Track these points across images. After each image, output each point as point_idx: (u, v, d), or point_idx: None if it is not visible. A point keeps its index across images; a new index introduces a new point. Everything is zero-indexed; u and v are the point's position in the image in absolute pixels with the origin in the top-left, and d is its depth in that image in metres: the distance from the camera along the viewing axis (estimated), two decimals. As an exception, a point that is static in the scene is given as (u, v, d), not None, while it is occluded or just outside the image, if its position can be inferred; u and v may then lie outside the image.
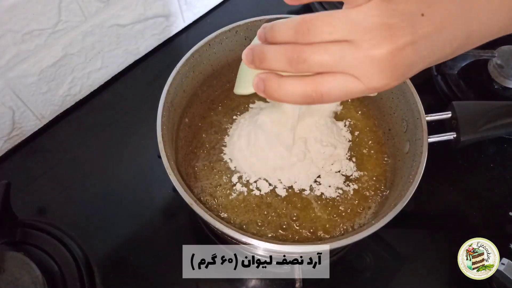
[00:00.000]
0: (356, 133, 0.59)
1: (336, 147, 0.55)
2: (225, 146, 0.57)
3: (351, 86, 0.27)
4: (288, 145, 0.51)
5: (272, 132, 0.52)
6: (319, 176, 0.54)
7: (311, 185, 0.53)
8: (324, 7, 0.79)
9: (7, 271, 0.47)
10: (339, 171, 0.55)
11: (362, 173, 0.55)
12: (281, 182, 0.53)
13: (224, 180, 0.54)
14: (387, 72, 0.27)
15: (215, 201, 0.52)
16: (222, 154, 0.56)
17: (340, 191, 0.53)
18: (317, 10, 0.79)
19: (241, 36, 0.57)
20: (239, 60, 0.59)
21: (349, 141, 0.58)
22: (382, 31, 0.26)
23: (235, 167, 0.54)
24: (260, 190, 0.53)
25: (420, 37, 0.27)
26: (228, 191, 0.53)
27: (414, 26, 0.26)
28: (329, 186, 0.53)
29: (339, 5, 0.29)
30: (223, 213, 0.52)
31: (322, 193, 0.53)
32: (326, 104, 0.41)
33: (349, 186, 0.54)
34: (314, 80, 0.27)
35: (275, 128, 0.51)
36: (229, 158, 0.55)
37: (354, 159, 0.56)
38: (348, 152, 0.57)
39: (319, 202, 0.52)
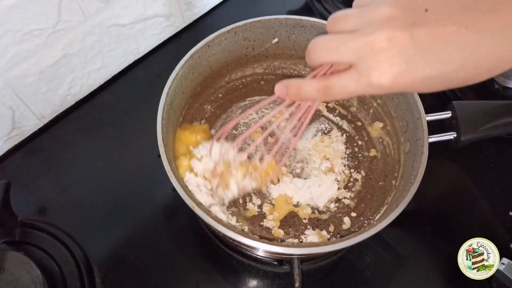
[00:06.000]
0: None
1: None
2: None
3: (352, 80, 0.29)
4: None
5: None
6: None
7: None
8: (323, 6, 0.79)
9: (7, 271, 0.47)
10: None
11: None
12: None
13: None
14: (384, 63, 0.27)
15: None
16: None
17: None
18: (316, 9, 0.79)
19: (240, 37, 0.57)
20: (238, 60, 0.60)
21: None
22: (382, 21, 0.27)
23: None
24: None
25: (419, 30, 0.26)
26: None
27: (415, 19, 0.26)
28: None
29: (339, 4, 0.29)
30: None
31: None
32: None
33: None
34: (324, 78, 0.32)
35: None
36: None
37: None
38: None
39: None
